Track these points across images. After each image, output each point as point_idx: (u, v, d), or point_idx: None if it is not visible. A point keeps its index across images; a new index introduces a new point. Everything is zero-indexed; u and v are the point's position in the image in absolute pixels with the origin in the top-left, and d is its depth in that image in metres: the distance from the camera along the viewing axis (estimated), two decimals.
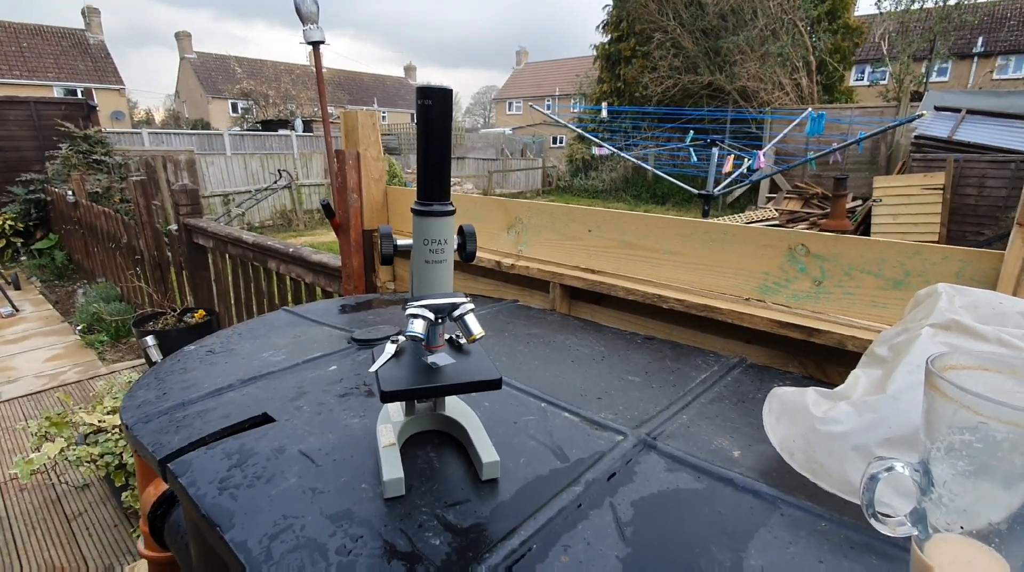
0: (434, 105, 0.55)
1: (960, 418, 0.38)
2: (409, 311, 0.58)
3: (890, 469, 0.42)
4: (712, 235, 1.09)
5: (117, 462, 2.12)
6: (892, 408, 0.55)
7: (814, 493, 0.58)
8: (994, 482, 0.38)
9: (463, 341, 0.65)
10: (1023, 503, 0.37)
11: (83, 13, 24.67)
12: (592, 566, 0.49)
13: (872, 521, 0.43)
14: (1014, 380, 0.42)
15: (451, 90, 0.55)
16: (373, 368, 0.60)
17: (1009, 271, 0.78)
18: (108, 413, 2.27)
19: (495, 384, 0.59)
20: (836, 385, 0.66)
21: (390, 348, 0.63)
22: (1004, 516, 0.38)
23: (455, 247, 0.62)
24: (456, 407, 0.68)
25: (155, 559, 0.98)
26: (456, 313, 0.59)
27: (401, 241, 0.62)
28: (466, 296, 0.60)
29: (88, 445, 2.12)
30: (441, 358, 0.62)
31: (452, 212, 0.59)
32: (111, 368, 3.94)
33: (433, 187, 0.58)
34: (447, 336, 0.65)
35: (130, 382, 2.65)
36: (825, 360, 0.97)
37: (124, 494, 2.19)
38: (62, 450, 2.11)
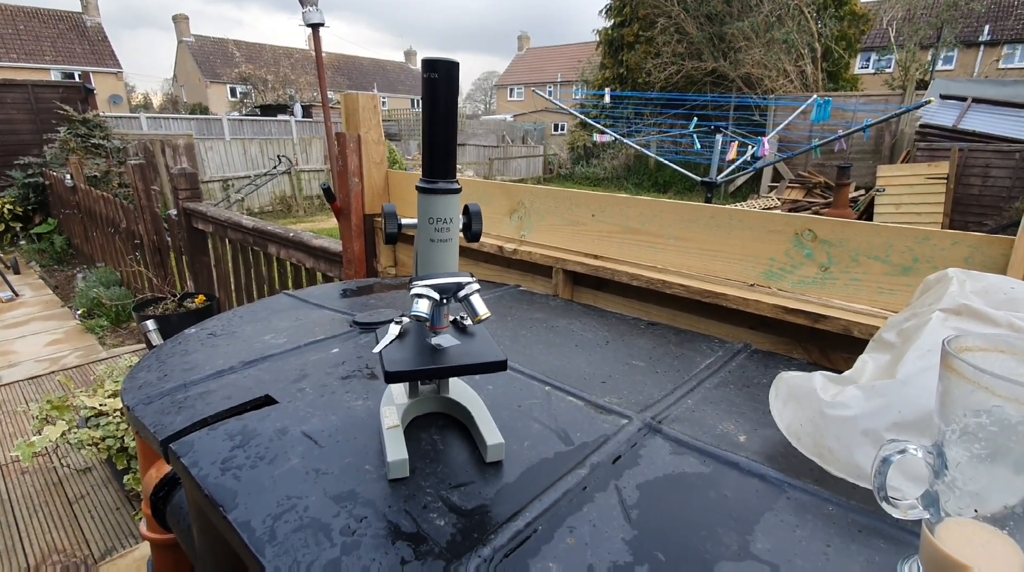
0: (440, 78, 0.53)
1: (976, 400, 0.37)
2: (414, 291, 0.57)
3: (903, 451, 0.42)
4: (717, 220, 1.08)
5: (119, 445, 2.12)
6: (902, 393, 0.54)
7: (821, 477, 0.58)
8: (1008, 466, 0.37)
9: (468, 322, 0.64)
10: None
11: None
12: (598, 548, 0.48)
13: (883, 504, 0.43)
14: None
15: (457, 63, 0.53)
16: (377, 348, 0.59)
17: (1020, 257, 0.77)
18: (109, 396, 2.28)
19: (500, 366, 0.58)
20: (841, 372, 0.65)
21: (394, 329, 0.62)
22: (1018, 500, 0.37)
23: (460, 227, 0.61)
24: (460, 389, 0.68)
25: (157, 541, 0.98)
26: (461, 293, 0.58)
27: (405, 220, 0.61)
28: (471, 276, 0.59)
29: (90, 428, 2.13)
30: (445, 339, 0.61)
31: (458, 190, 0.58)
32: (111, 352, 3.95)
33: (438, 164, 0.57)
34: (451, 317, 0.64)
35: (131, 366, 2.65)
36: (830, 346, 0.96)
37: (126, 477, 2.20)
38: (64, 433, 2.11)
